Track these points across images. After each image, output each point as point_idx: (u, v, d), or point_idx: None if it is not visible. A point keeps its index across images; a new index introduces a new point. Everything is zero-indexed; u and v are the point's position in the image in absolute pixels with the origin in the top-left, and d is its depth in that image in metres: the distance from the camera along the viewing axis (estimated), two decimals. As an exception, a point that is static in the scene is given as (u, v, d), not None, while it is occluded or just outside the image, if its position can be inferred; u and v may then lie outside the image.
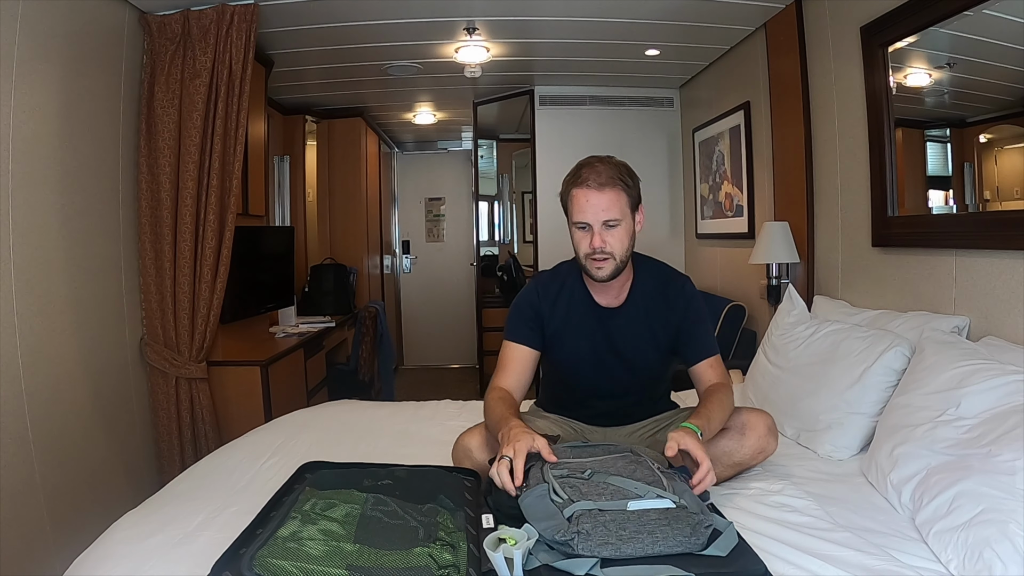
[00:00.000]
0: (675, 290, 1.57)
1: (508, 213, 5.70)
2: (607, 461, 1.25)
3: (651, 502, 1.11)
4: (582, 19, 2.89)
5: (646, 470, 1.22)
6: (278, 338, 3.26)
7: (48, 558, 1.92)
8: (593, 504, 1.10)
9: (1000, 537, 1.07)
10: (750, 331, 3.04)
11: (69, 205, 2.14)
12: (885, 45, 2.06)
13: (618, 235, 1.46)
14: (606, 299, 1.57)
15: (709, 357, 1.54)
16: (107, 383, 2.33)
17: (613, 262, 1.47)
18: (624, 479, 1.17)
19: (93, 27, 2.24)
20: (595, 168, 1.46)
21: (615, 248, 1.46)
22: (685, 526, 1.07)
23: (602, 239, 1.45)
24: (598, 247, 1.45)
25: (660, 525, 1.07)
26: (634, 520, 1.07)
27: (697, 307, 1.58)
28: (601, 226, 1.45)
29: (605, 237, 1.45)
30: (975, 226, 1.79)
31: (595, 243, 1.45)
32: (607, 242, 1.45)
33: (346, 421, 2.14)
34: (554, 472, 1.19)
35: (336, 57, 3.30)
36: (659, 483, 1.17)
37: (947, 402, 1.43)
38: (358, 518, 1.12)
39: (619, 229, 1.46)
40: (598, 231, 1.45)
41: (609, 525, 1.06)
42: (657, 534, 1.06)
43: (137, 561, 1.17)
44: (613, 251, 1.46)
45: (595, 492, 1.14)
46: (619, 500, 1.11)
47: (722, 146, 3.45)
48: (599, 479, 1.18)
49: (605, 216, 1.44)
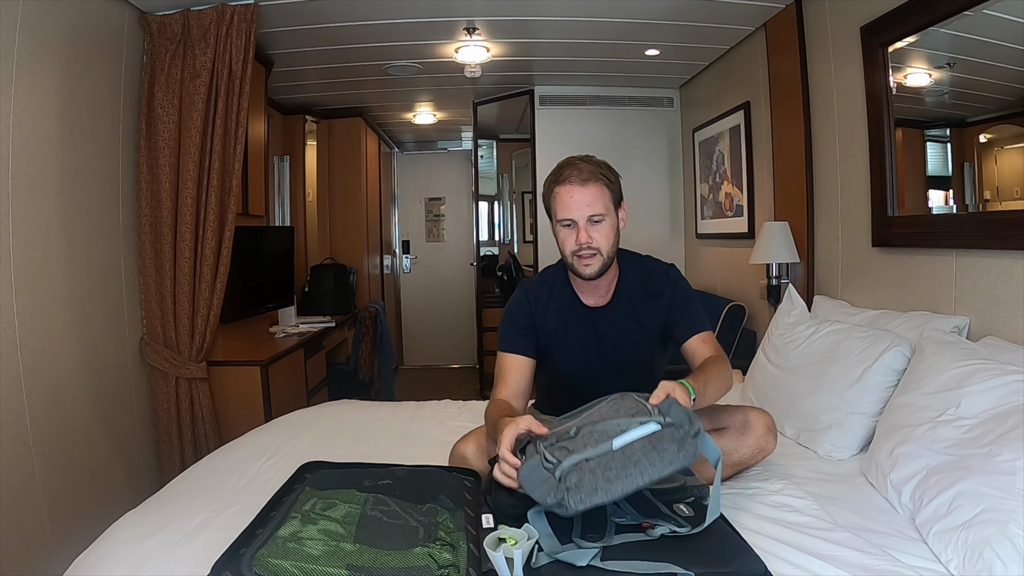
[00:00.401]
0: (660, 278, 1.58)
1: (508, 213, 5.70)
2: (592, 414, 1.22)
3: (635, 432, 1.09)
4: (582, 19, 2.89)
5: (630, 403, 1.19)
6: (278, 338, 3.26)
7: (48, 558, 1.92)
8: (579, 456, 1.08)
9: (1000, 537, 1.07)
10: (750, 331, 3.04)
11: (69, 205, 2.14)
12: (885, 45, 2.06)
13: (603, 230, 1.47)
14: (593, 299, 1.58)
15: (700, 332, 1.53)
16: (107, 383, 2.33)
17: (600, 258, 1.47)
18: (607, 421, 1.14)
19: (93, 27, 2.24)
20: (576, 166, 1.47)
21: (601, 244, 1.47)
22: (671, 443, 1.06)
23: (588, 235, 1.45)
24: (584, 242, 1.45)
25: (646, 453, 1.06)
26: (618, 458, 1.06)
27: (683, 288, 1.58)
28: (587, 221, 1.46)
29: (591, 232, 1.46)
30: (975, 226, 1.79)
31: (581, 238, 1.45)
32: (593, 237, 1.46)
33: (346, 421, 2.14)
34: (544, 443, 1.17)
35: (336, 57, 3.30)
36: (643, 410, 1.14)
37: (947, 402, 1.43)
38: (358, 518, 1.12)
39: (604, 224, 1.47)
40: (584, 226, 1.46)
41: (595, 471, 1.05)
42: (644, 463, 1.05)
43: (137, 561, 1.17)
44: (600, 246, 1.47)
45: (582, 445, 1.11)
46: (604, 442, 1.10)
47: (722, 146, 3.45)
48: (586, 431, 1.15)
49: (590, 211, 1.45)
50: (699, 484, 1.29)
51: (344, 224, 4.63)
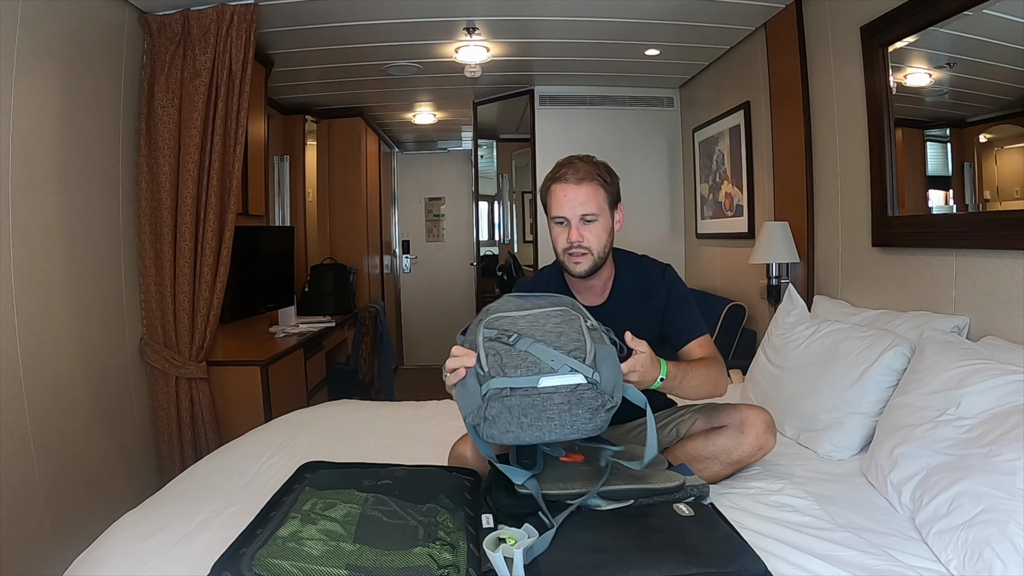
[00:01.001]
0: (656, 279, 1.59)
1: (508, 213, 5.70)
2: (539, 318, 1.20)
3: (562, 378, 1.11)
4: (582, 19, 2.89)
5: (574, 332, 1.17)
6: (278, 338, 3.26)
7: (48, 558, 1.92)
8: (506, 381, 1.11)
9: (1000, 537, 1.07)
10: (750, 331, 3.04)
11: (69, 205, 2.14)
12: (885, 45, 2.06)
13: (595, 230, 1.48)
14: (589, 298, 1.58)
15: (698, 337, 1.54)
16: (107, 383, 2.33)
17: (591, 257, 1.49)
18: (545, 348, 1.14)
19: (93, 27, 2.24)
20: (574, 165, 1.49)
21: (592, 243, 1.48)
22: (585, 410, 1.09)
23: (579, 233, 1.47)
24: (575, 241, 1.47)
25: (559, 411, 1.09)
26: (536, 405, 1.09)
27: (679, 290, 1.58)
28: (579, 220, 1.47)
29: (583, 232, 1.47)
30: (975, 226, 1.79)
31: (572, 237, 1.47)
32: (584, 237, 1.47)
33: (346, 421, 2.14)
34: (485, 332, 1.17)
35: (336, 57, 3.30)
36: (581, 348, 1.14)
37: (947, 402, 1.43)
38: (358, 518, 1.12)
39: (596, 224, 1.48)
40: (575, 225, 1.47)
41: (513, 410, 1.09)
42: (555, 421, 1.08)
43: (137, 561, 1.17)
44: (590, 246, 1.48)
45: (513, 363, 1.12)
46: (532, 375, 1.11)
47: (722, 146, 3.45)
48: (523, 345, 1.14)
49: (582, 210, 1.46)
50: (699, 483, 1.29)
51: (344, 224, 4.63)
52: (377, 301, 4.69)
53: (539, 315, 1.21)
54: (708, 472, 1.51)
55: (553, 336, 1.15)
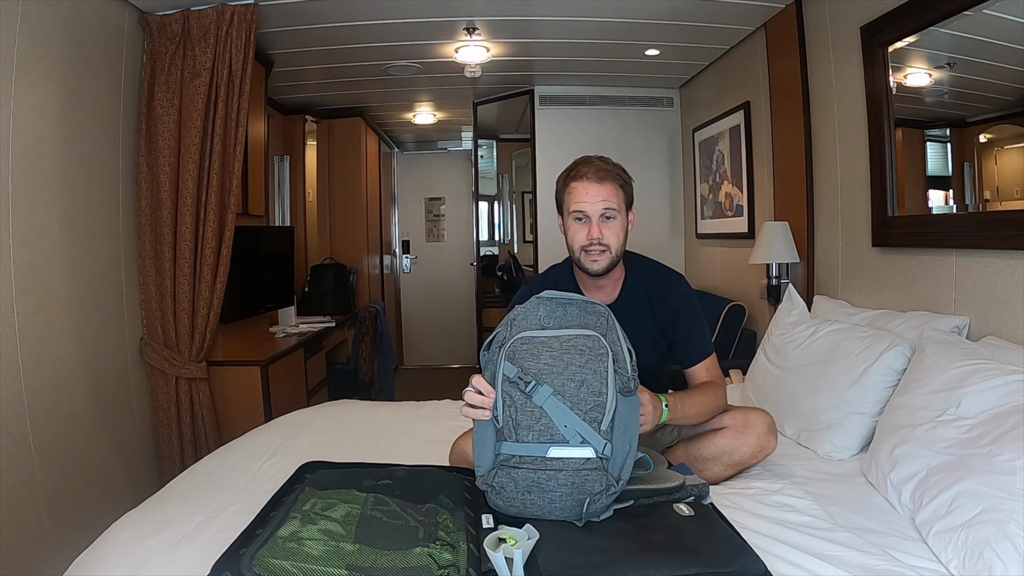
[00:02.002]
0: (668, 287, 1.59)
1: (508, 213, 5.70)
2: (563, 353, 1.17)
3: (572, 450, 1.13)
4: (582, 19, 2.89)
5: (597, 382, 1.15)
6: (278, 338, 3.26)
7: (48, 558, 1.92)
8: (516, 448, 1.14)
9: (1000, 537, 1.07)
10: (750, 331, 3.04)
11: (69, 205, 2.14)
12: (885, 45, 2.06)
13: (614, 228, 1.49)
14: (599, 297, 1.59)
15: (705, 359, 1.57)
16: (107, 383, 2.33)
17: (609, 255, 1.50)
18: (562, 406, 1.14)
19: (93, 27, 2.24)
20: (593, 164, 1.50)
21: (611, 241, 1.49)
22: (584, 495, 1.12)
23: (600, 230, 1.48)
24: (596, 237, 1.47)
25: (563, 493, 1.12)
26: (541, 483, 1.13)
27: (691, 306, 1.59)
28: (599, 217, 1.48)
29: (603, 229, 1.48)
30: (975, 226, 1.79)
31: (593, 233, 1.47)
32: (604, 234, 1.48)
33: (346, 421, 2.14)
34: (506, 369, 1.17)
35: (336, 57, 3.30)
36: (600, 407, 1.14)
37: (947, 402, 1.43)
38: (358, 518, 1.12)
39: (615, 223, 1.49)
40: (596, 221, 1.48)
41: (519, 483, 1.13)
42: (557, 504, 1.13)
43: (137, 561, 1.17)
44: (609, 243, 1.49)
45: (526, 423, 1.14)
46: (543, 443, 1.14)
47: (722, 146, 3.45)
48: (539, 398, 1.14)
49: (604, 206, 1.47)
50: (699, 483, 1.29)
51: (344, 224, 4.63)
52: (377, 301, 4.69)
53: (565, 344, 1.18)
54: (709, 473, 1.51)
55: (573, 387, 1.15)
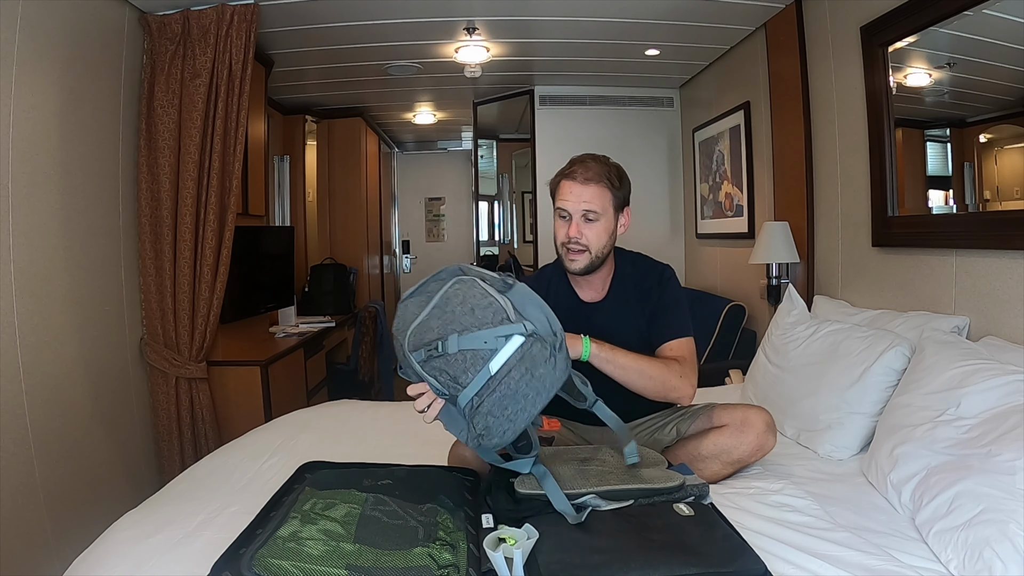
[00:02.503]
0: (654, 278, 1.61)
1: (508, 213, 5.70)
2: (443, 306, 1.16)
3: (505, 350, 1.10)
4: (582, 19, 2.89)
5: (480, 298, 1.15)
6: (278, 338, 3.26)
7: (48, 558, 1.92)
8: (469, 391, 1.10)
9: (1000, 537, 1.07)
10: (750, 331, 3.04)
11: (69, 205, 2.14)
12: (885, 45, 2.06)
13: (595, 229, 1.50)
14: (590, 294, 1.61)
15: (677, 338, 1.54)
16: (107, 383, 2.33)
17: (588, 255, 1.51)
18: (471, 334, 1.12)
19: (93, 27, 2.24)
20: (585, 164, 1.52)
21: (591, 241, 1.50)
22: (542, 365, 1.10)
23: (579, 230, 1.50)
24: (574, 236, 1.50)
25: (526, 381, 1.09)
26: (506, 393, 1.09)
27: (671, 290, 1.60)
28: (580, 217, 1.50)
29: (583, 229, 1.50)
30: (975, 226, 1.79)
31: (571, 232, 1.50)
32: (583, 234, 1.50)
33: (346, 421, 2.14)
34: (415, 359, 1.16)
35: (336, 57, 3.30)
36: (498, 309, 1.14)
37: (947, 402, 1.43)
38: (358, 518, 1.12)
39: (598, 224, 1.51)
40: (576, 221, 1.50)
41: (494, 411, 1.10)
42: (529, 394, 1.10)
43: (137, 561, 1.17)
44: (589, 244, 1.51)
45: (460, 369, 1.11)
46: (480, 369, 1.10)
47: (722, 146, 3.45)
48: (452, 347, 1.12)
49: (585, 207, 1.49)
50: (699, 483, 1.29)
51: (344, 224, 4.63)
52: (377, 301, 4.69)
53: (441, 303, 1.18)
54: (708, 471, 1.51)
55: (468, 317, 1.14)
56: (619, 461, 1.34)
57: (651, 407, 1.68)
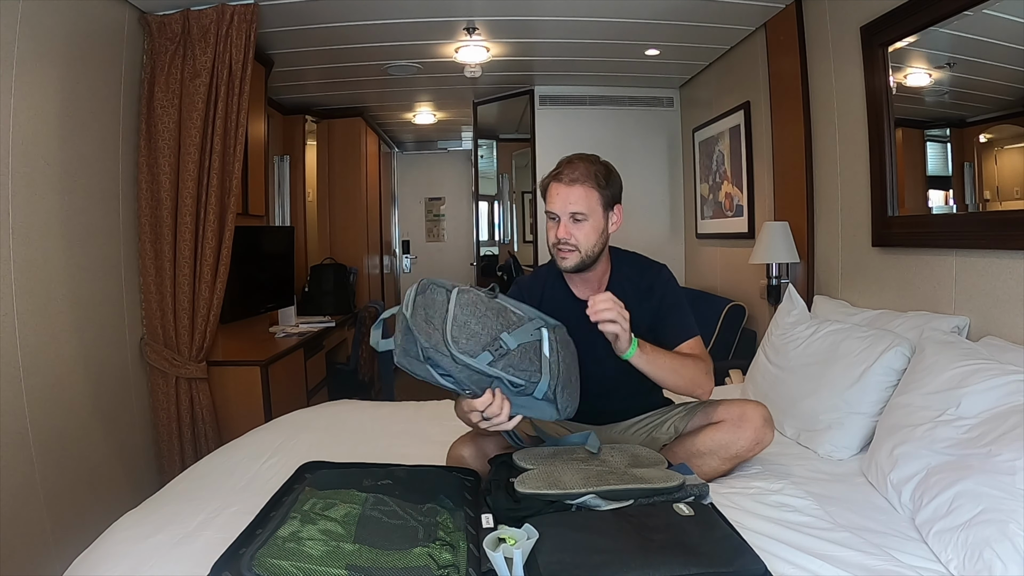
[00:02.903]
0: (651, 278, 1.62)
1: (508, 213, 5.70)
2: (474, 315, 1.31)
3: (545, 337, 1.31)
4: (582, 19, 2.89)
5: (495, 304, 1.34)
6: (278, 338, 3.26)
7: (48, 558, 1.92)
8: (546, 377, 1.29)
9: (1000, 537, 1.07)
10: (750, 331, 3.04)
11: (69, 205, 2.14)
12: (885, 45, 2.05)
13: (584, 230, 1.52)
14: (586, 292, 1.61)
15: (689, 339, 1.57)
16: (107, 383, 2.33)
17: (578, 255, 1.53)
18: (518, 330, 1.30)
19: (93, 27, 2.24)
20: (573, 164, 1.53)
21: (580, 241, 1.52)
22: (567, 342, 1.35)
23: (567, 231, 1.52)
24: (563, 237, 1.52)
25: (570, 355, 1.34)
26: (563, 368, 1.31)
27: (673, 291, 1.62)
28: (568, 218, 1.52)
29: (571, 229, 1.52)
30: (975, 226, 1.79)
31: (560, 233, 1.53)
32: (572, 234, 1.52)
33: (346, 421, 2.14)
34: (479, 359, 1.27)
35: (336, 57, 3.30)
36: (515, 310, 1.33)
37: (947, 402, 1.43)
38: (358, 518, 1.12)
39: (586, 224, 1.52)
40: (564, 222, 1.52)
41: (567, 387, 1.31)
42: (574, 366, 1.35)
43: (137, 561, 1.17)
44: (578, 244, 1.52)
45: (523, 361, 1.29)
46: (540, 358, 1.29)
47: (722, 146, 3.45)
48: (511, 342, 1.29)
49: (572, 209, 1.51)
50: (699, 483, 1.29)
51: (344, 224, 4.63)
52: (377, 301, 4.69)
53: (466, 310, 1.30)
54: (707, 467, 1.51)
55: (499, 319, 1.32)
56: (619, 461, 1.34)
57: (645, 404, 1.68)
